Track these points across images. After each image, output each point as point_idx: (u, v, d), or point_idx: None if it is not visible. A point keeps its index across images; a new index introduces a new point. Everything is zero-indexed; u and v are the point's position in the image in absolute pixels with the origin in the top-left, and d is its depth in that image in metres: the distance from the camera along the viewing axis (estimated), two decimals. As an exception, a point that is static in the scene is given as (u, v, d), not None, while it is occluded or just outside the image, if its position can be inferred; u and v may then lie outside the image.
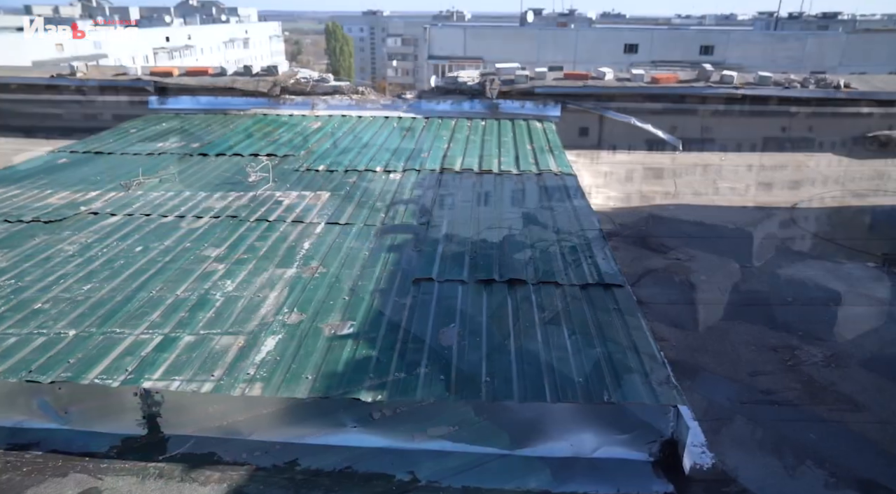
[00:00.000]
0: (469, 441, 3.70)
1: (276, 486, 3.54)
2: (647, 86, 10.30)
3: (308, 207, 6.44)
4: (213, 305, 4.50)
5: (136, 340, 4.07)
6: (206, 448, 3.77)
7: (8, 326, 4.23)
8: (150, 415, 3.84)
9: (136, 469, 3.65)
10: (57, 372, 3.75)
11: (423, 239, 5.66)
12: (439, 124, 9.95)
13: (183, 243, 5.57)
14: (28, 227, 5.91)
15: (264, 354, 3.93)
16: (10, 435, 3.85)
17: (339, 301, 4.58)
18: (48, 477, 3.58)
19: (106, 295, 4.64)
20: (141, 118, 10.54)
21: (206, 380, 3.69)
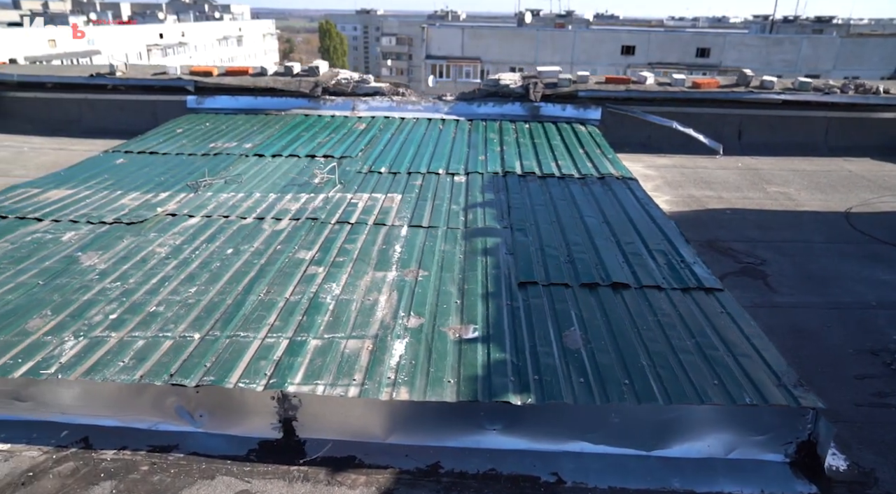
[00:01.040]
0: (607, 443, 3.76)
1: (423, 488, 3.58)
2: (688, 91, 10.44)
3: (385, 210, 6.46)
4: (328, 308, 4.53)
5: (263, 344, 4.09)
6: (346, 452, 3.80)
7: (131, 329, 4.23)
8: (286, 419, 3.87)
9: (279, 472, 3.67)
10: (198, 375, 3.77)
11: (511, 242, 5.72)
12: (484, 127, 10.01)
13: (272, 245, 5.58)
14: (113, 229, 5.89)
15: (398, 358, 3.97)
16: (148, 438, 3.86)
17: (451, 304, 4.63)
18: (197, 479, 3.59)
19: (216, 298, 4.64)
20: (183, 118, 10.48)
21: (349, 385, 3.72)
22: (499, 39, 57.06)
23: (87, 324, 4.27)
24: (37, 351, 3.97)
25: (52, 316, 4.37)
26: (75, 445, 3.83)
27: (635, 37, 56.47)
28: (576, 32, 57.05)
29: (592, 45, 56.43)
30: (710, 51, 53.80)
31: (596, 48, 56.58)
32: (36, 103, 11.28)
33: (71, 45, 56.18)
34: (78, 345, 4.04)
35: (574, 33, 57.02)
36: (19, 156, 9.84)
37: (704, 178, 9.18)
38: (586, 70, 50.98)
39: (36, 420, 3.95)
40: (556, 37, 56.63)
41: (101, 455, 3.76)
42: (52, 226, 5.94)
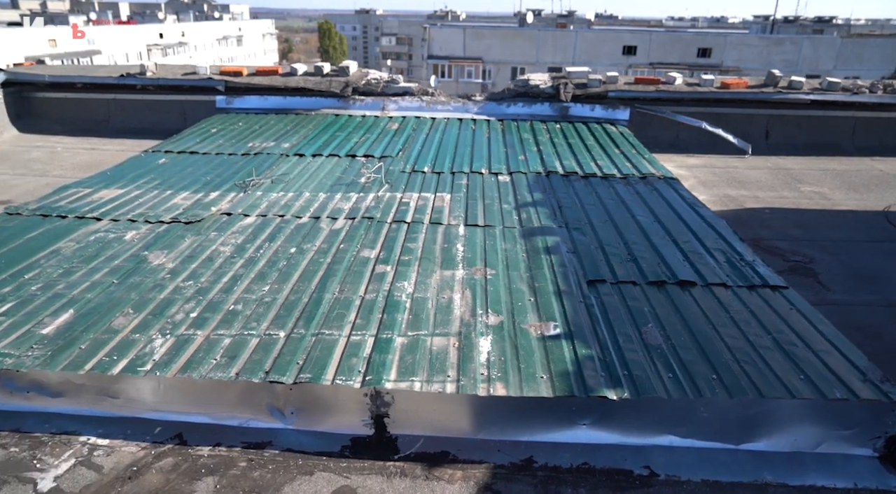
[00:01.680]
0: (696, 436, 3.83)
1: (520, 483, 3.64)
2: (717, 91, 10.52)
3: (437, 209, 6.51)
4: (405, 306, 4.58)
5: (349, 341, 4.14)
6: (438, 448, 3.85)
7: (214, 327, 4.27)
8: (378, 416, 3.92)
9: (376, 467, 3.72)
10: (293, 372, 3.81)
11: (570, 241, 5.78)
12: (516, 127, 10.07)
13: (334, 244, 5.62)
14: (172, 228, 5.92)
15: (486, 355, 4.02)
16: (241, 434, 3.90)
17: (525, 302, 4.69)
18: (296, 475, 3.64)
19: (292, 297, 4.69)
20: (214, 117, 10.50)
21: (444, 381, 3.77)
22: (500, 39, 57.12)
23: (170, 323, 4.31)
24: (128, 349, 4.01)
25: (134, 314, 4.41)
26: (171, 441, 3.87)
27: (637, 37, 56.65)
28: (577, 32, 57.19)
29: (594, 44, 56.58)
30: (712, 51, 54.04)
31: (597, 48, 56.75)
32: (65, 103, 11.28)
33: (71, 44, 56.04)
34: (167, 343, 4.08)
35: (576, 33, 57.16)
36: (54, 156, 9.85)
37: (737, 178, 9.27)
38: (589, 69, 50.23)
39: (129, 417, 3.99)
40: (557, 37, 56.74)
41: (197, 452, 3.80)
42: (112, 225, 5.97)
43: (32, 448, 3.76)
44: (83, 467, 3.64)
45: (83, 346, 4.03)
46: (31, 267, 5.08)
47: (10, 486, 3.47)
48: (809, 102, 10.27)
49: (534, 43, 56.59)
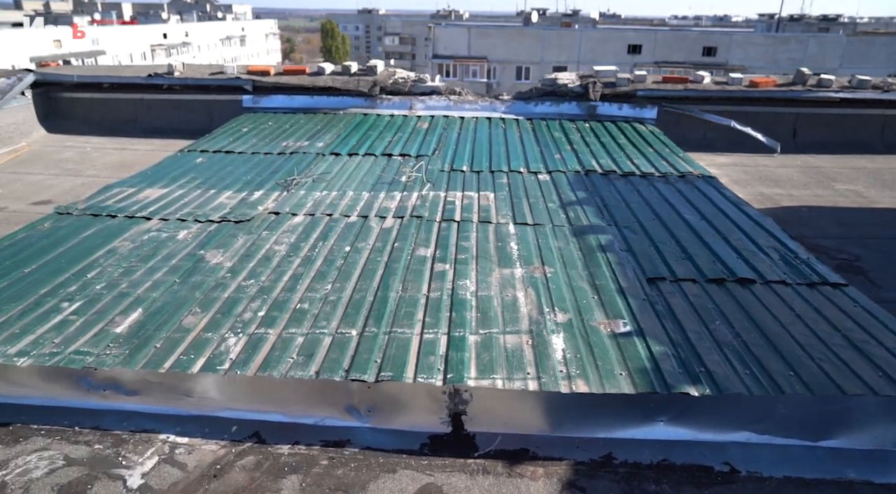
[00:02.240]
0: (773, 433, 3.83)
1: (602, 479, 3.65)
2: (746, 90, 10.51)
3: (484, 208, 6.52)
4: (471, 305, 4.58)
5: (423, 340, 4.15)
6: (517, 445, 3.86)
7: (284, 326, 4.28)
8: (455, 413, 3.92)
9: (457, 465, 3.73)
10: (373, 371, 3.82)
11: (622, 239, 5.78)
12: (546, 126, 10.07)
13: (388, 243, 5.63)
14: (222, 227, 5.93)
15: (560, 353, 4.03)
16: (318, 433, 3.91)
17: (589, 300, 4.69)
18: (380, 473, 3.65)
19: (356, 295, 4.69)
20: (242, 117, 10.51)
21: (525, 378, 3.78)
22: (505, 39, 57.10)
23: (240, 322, 4.31)
24: (203, 348, 4.02)
25: (202, 313, 4.42)
26: (249, 439, 3.88)
27: (641, 36, 56.64)
28: (582, 32, 57.17)
29: (598, 44, 56.56)
30: (717, 50, 54.02)
31: (602, 47, 56.74)
32: (92, 103, 11.28)
33: (76, 45, 56.10)
34: (240, 342, 4.09)
35: (580, 32, 57.14)
36: (84, 156, 9.86)
37: (769, 176, 9.27)
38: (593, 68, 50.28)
39: (203, 415, 4.00)
40: (562, 36, 56.71)
41: (277, 450, 3.81)
42: (163, 224, 5.98)
43: (115, 445, 3.77)
44: (167, 465, 3.65)
45: (158, 345, 4.04)
46: (91, 266, 5.09)
47: (100, 483, 3.48)
48: (839, 101, 10.28)
49: (539, 42, 56.54)
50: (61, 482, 3.49)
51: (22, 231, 5.76)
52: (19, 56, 51.17)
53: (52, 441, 3.80)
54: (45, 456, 3.67)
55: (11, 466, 3.59)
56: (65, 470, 3.57)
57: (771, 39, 53.98)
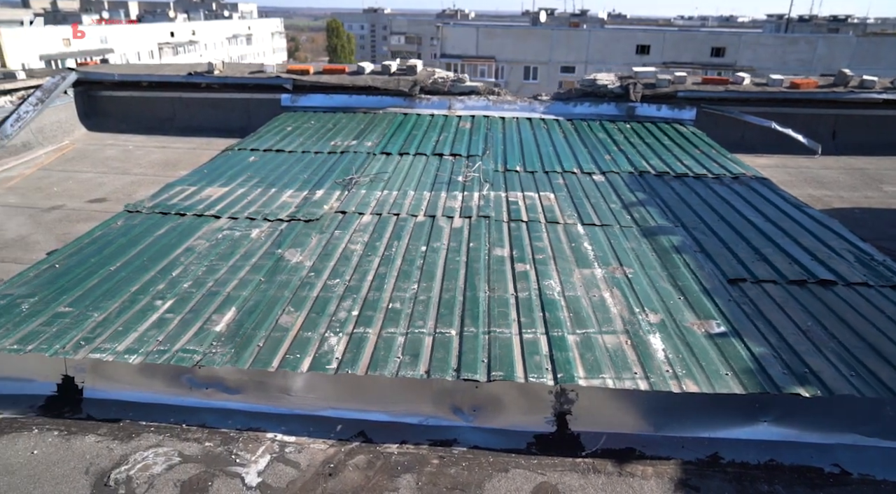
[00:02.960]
0: (881, 436, 3.85)
1: (714, 478, 3.66)
2: (787, 91, 10.53)
3: (548, 208, 6.54)
4: (561, 305, 4.60)
5: (523, 340, 4.16)
6: (622, 444, 3.88)
7: (381, 326, 4.29)
8: (560, 413, 3.95)
9: (566, 464, 3.74)
10: (482, 370, 3.84)
11: (692, 240, 5.80)
12: (588, 126, 10.09)
13: (462, 243, 5.64)
14: (293, 226, 5.94)
15: (662, 353, 4.05)
16: (424, 432, 3.93)
17: (676, 301, 4.71)
18: (493, 472, 3.67)
19: (445, 295, 4.71)
20: (283, 116, 10.52)
21: (634, 378, 3.80)
22: (513, 38, 57.06)
23: (336, 321, 4.33)
24: (306, 347, 4.04)
25: (296, 312, 4.44)
26: (356, 439, 3.90)
27: (650, 36, 56.60)
28: (590, 32, 57.13)
29: (607, 44, 56.49)
30: (726, 50, 53.98)
31: (610, 47, 56.66)
32: (131, 102, 11.30)
33: (84, 43, 56.16)
34: (341, 342, 4.11)
35: (589, 32, 57.09)
36: (128, 154, 9.88)
37: (814, 178, 9.28)
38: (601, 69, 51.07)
39: (306, 414, 4.02)
40: (570, 36, 56.67)
41: (386, 449, 3.83)
42: (233, 222, 6.00)
43: (225, 443, 3.79)
44: (280, 463, 3.67)
45: (261, 344, 4.06)
46: (173, 264, 5.11)
47: (219, 480, 3.51)
48: (882, 102, 10.29)
49: (547, 42, 56.51)
50: (182, 478, 3.51)
51: (98, 228, 5.78)
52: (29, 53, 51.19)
53: (164, 437, 3.82)
54: (160, 453, 3.69)
55: (131, 461, 3.61)
56: (183, 467, 3.59)
57: (780, 40, 53.90)
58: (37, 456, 3.64)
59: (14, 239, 6.62)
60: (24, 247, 6.43)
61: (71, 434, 3.82)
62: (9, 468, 3.54)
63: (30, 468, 3.55)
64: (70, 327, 4.15)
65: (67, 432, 3.84)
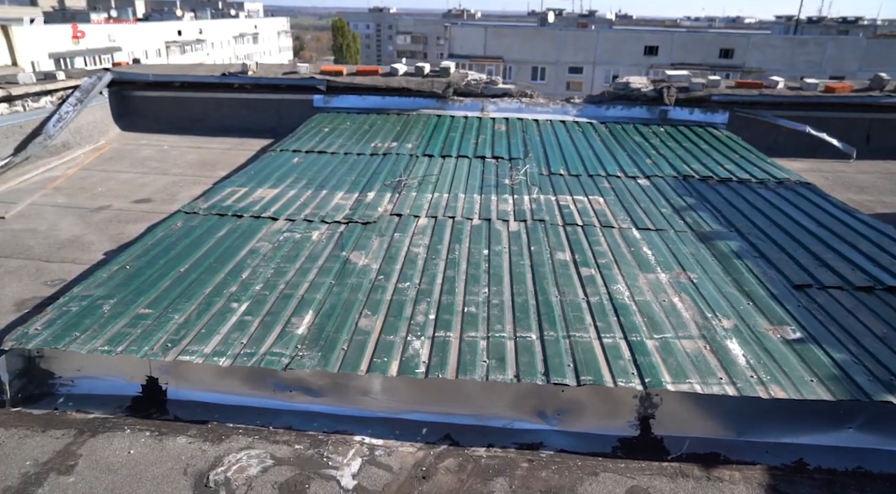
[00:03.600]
0: (962, 442, 3.88)
1: (802, 484, 3.69)
2: (822, 95, 10.56)
3: (600, 212, 6.57)
4: (633, 309, 4.63)
5: (603, 343, 4.19)
6: (706, 448, 3.92)
7: (461, 329, 4.32)
8: (644, 417, 3.98)
9: (653, 468, 3.77)
10: (571, 374, 3.88)
11: (750, 245, 5.83)
12: (622, 130, 10.12)
13: (522, 246, 5.68)
14: (352, 228, 5.98)
15: (742, 358, 4.08)
16: (509, 435, 3.97)
17: (745, 306, 4.74)
18: (583, 476, 3.70)
19: (518, 299, 4.74)
20: (318, 116, 10.56)
21: (720, 383, 3.83)
22: (521, 39, 57.11)
23: (415, 325, 4.36)
24: (390, 350, 4.07)
25: (373, 315, 4.47)
26: (443, 442, 3.94)
27: (658, 37, 56.62)
28: (598, 32, 57.17)
29: (615, 44, 56.49)
30: (734, 51, 53.97)
31: (618, 48, 56.64)
32: (163, 102, 11.34)
33: (93, 41, 56.26)
34: (425, 345, 4.14)
35: (597, 33, 57.14)
36: (164, 154, 9.92)
37: (852, 182, 9.30)
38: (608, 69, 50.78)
39: (390, 417, 4.05)
40: (578, 36, 56.72)
41: (474, 452, 3.86)
42: (291, 224, 6.03)
43: (314, 446, 3.82)
44: (372, 466, 3.70)
45: (345, 347, 4.09)
46: (241, 266, 5.15)
47: (315, 482, 3.54)
48: (916, 106, 10.32)
49: (555, 42, 56.53)
50: (278, 480, 3.55)
51: (159, 230, 5.82)
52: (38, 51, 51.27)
53: (253, 439, 3.86)
54: (253, 455, 3.73)
55: (225, 463, 3.65)
56: (277, 469, 3.63)
57: (789, 41, 53.87)
58: (133, 456, 3.68)
59: (69, 239, 6.66)
60: (80, 247, 6.47)
61: (162, 435, 3.86)
62: (110, 467, 3.58)
63: (129, 467, 3.59)
64: (154, 329, 4.19)
65: (158, 432, 3.88)
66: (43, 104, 9.47)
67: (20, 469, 3.56)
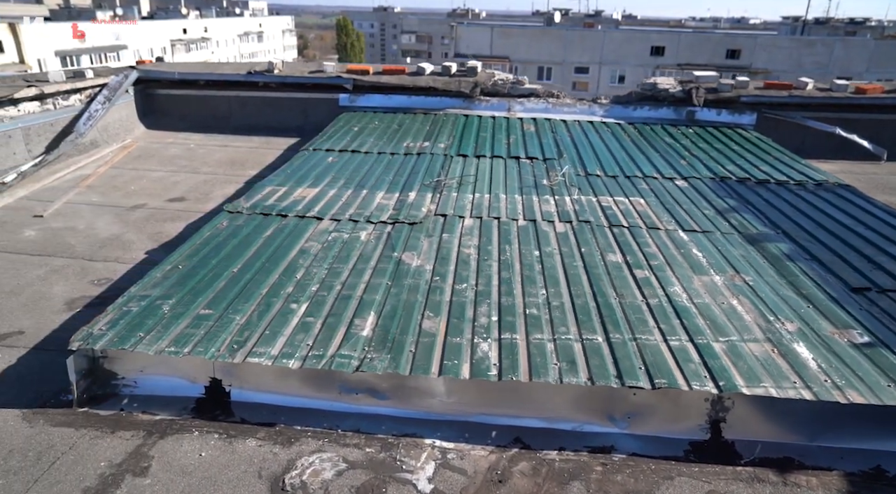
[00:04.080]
0: None
1: (883, 492, 3.65)
2: (852, 97, 10.52)
3: (643, 213, 6.54)
4: (693, 312, 4.60)
5: (670, 346, 4.16)
6: (779, 453, 3.88)
7: (527, 332, 4.29)
8: (715, 421, 3.95)
9: (727, 472, 3.74)
10: (643, 377, 3.84)
11: (799, 247, 5.80)
12: (651, 130, 10.08)
13: (572, 247, 5.64)
14: (399, 229, 5.94)
15: (813, 362, 4.04)
16: (580, 439, 3.93)
17: (806, 309, 4.71)
18: (659, 480, 3.66)
19: (577, 301, 4.70)
20: (346, 115, 10.50)
21: (796, 387, 3.80)
22: (527, 39, 57.05)
23: (480, 327, 4.33)
24: (459, 353, 4.03)
25: (434, 317, 4.44)
26: (514, 445, 3.91)
27: (665, 37, 56.51)
28: (605, 32, 57.08)
29: (621, 45, 56.40)
30: (741, 52, 53.89)
31: (625, 48, 56.55)
32: (188, 100, 11.30)
33: (99, 40, 56.25)
34: (493, 347, 4.11)
35: (603, 33, 57.04)
36: (191, 153, 9.88)
37: (886, 184, 9.26)
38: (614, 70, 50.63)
39: (458, 420, 4.02)
40: (585, 36, 56.63)
41: (546, 456, 3.83)
42: (337, 225, 5.99)
43: (385, 449, 3.79)
44: (446, 470, 3.67)
45: (413, 349, 4.06)
46: (293, 267, 5.11)
47: (392, 486, 3.51)
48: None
49: (561, 42, 56.46)
50: (355, 483, 3.52)
51: (206, 229, 5.78)
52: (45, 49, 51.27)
53: (323, 442, 3.82)
54: (325, 458, 3.70)
55: (299, 466, 3.62)
56: (352, 473, 3.60)
57: (796, 42, 53.76)
58: (205, 459, 3.65)
59: (109, 238, 6.63)
60: (121, 246, 6.44)
61: (231, 437, 3.83)
62: (184, 469, 3.55)
63: (202, 470, 3.56)
64: (217, 330, 4.16)
65: (227, 435, 3.85)
66: (72, 102, 9.44)
67: (96, 469, 3.53)
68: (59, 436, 3.77)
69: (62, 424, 3.87)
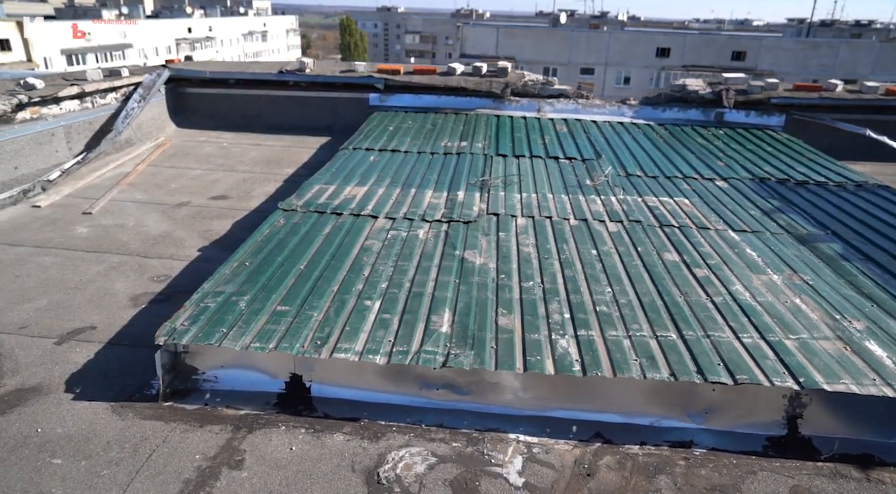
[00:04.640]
0: None
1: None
2: (882, 99, 10.60)
3: (689, 213, 6.60)
4: (759, 310, 4.66)
5: (743, 343, 4.22)
6: (858, 449, 3.95)
7: (601, 329, 4.34)
8: (792, 417, 4.01)
9: (808, 467, 3.80)
10: (722, 373, 3.90)
11: (852, 247, 5.86)
12: (681, 131, 10.15)
13: (628, 247, 5.70)
14: (456, 227, 6.00)
15: (888, 360, 4.11)
16: (659, 433, 4.00)
17: (869, 308, 4.77)
18: (743, 474, 3.72)
19: (644, 299, 4.76)
20: (379, 115, 10.56)
21: (876, 384, 3.86)
22: (533, 39, 57.15)
23: (554, 323, 4.39)
24: (539, 349, 4.09)
25: (509, 314, 4.50)
26: (595, 439, 3.97)
27: (670, 39, 56.61)
28: (610, 34, 57.19)
29: (626, 46, 56.49)
30: (746, 54, 54.01)
31: (630, 49, 56.66)
32: (218, 99, 11.36)
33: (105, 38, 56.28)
34: (571, 343, 4.17)
35: (609, 34, 57.15)
36: (226, 151, 9.94)
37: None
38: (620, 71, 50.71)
39: (538, 415, 4.08)
40: (590, 37, 56.72)
41: (629, 450, 3.89)
42: (393, 223, 6.05)
43: (471, 444, 3.85)
44: (535, 464, 3.73)
45: (494, 346, 4.12)
46: (359, 264, 5.16)
47: (485, 480, 3.57)
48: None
49: (567, 43, 56.56)
50: (447, 477, 3.58)
51: (265, 226, 5.84)
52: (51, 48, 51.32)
53: (409, 437, 3.88)
54: (414, 452, 3.76)
55: (390, 460, 3.68)
56: (443, 467, 3.66)
57: (801, 44, 53.88)
58: (296, 453, 3.71)
59: (160, 235, 6.69)
60: (173, 243, 6.50)
61: (318, 432, 3.89)
62: (278, 463, 3.61)
63: (296, 464, 3.62)
64: (298, 326, 4.21)
65: (313, 429, 3.91)
66: (108, 100, 9.48)
67: (192, 462, 3.59)
68: (151, 429, 3.82)
69: (151, 417, 3.93)
